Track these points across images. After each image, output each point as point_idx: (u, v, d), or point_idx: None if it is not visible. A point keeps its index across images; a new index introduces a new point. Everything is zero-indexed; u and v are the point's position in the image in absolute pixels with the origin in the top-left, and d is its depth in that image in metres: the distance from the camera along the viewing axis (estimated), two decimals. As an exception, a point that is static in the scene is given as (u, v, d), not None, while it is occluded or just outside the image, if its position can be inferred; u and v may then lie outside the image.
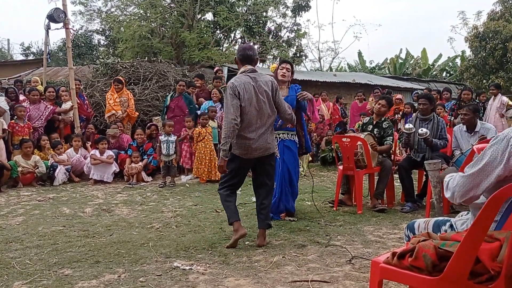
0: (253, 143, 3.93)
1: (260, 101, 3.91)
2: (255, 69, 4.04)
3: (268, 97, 3.95)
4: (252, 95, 3.88)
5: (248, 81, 3.91)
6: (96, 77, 11.37)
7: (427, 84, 18.72)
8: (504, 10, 18.56)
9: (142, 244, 4.01)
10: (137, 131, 8.32)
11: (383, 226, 4.66)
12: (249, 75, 3.96)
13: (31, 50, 28.88)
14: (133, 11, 18.39)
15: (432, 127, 5.58)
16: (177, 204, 5.83)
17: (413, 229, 2.36)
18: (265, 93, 3.93)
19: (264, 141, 3.97)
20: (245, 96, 3.86)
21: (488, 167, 2.00)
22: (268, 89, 3.95)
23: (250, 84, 3.90)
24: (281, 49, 19.75)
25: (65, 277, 3.22)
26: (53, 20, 8.81)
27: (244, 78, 3.95)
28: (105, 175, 7.65)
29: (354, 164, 5.39)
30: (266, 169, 4.10)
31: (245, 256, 3.67)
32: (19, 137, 7.63)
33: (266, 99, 3.94)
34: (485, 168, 2.01)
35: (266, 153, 4.02)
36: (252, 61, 4.06)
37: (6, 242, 4.11)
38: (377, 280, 2.12)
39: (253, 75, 3.97)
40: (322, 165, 9.55)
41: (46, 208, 5.61)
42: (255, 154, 3.98)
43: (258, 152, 3.98)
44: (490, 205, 1.79)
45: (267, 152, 4.03)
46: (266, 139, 3.98)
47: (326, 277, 3.19)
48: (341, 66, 28.07)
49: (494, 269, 1.82)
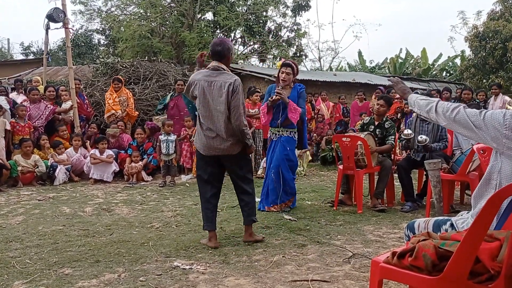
0: (206, 141, 3.83)
1: (207, 102, 3.77)
2: (218, 67, 3.82)
3: (218, 99, 3.73)
4: (201, 93, 3.77)
5: (203, 78, 3.78)
6: (96, 77, 11.37)
7: (427, 84, 18.71)
8: (504, 10, 18.55)
9: (142, 243, 4.01)
10: (137, 130, 8.32)
11: (383, 226, 4.66)
12: (207, 72, 3.82)
13: (31, 50, 28.91)
14: (133, 11, 18.42)
15: (432, 127, 5.58)
16: (177, 204, 5.83)
17: (413, 228, 2.36)
18: (216, 94, 3.74)
19: (218, 143, 3.81)
20: (195, 92, 3.81)
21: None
22: (222, 91, 3.72)
23: (203, 81, 3.77)
24: (281, 48, 19.77)
25: (65, 276, 3.22)
26: (52, 19, 8.80)
27: (201, 74, 3.83)
28: (104, 175, 7.66)
29: (354, 164, 5.39)
30: (233, 169, 3.99)
31: (245, 255, 3.67)
32: (19, 137, 7.63)
33: (215, 101, 3.74)
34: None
35: (223, 153, 3.86)
36: (221, 57, 3.84)
37: (6, 241, 4.11)
38: (377, 279, 2.12)
39: (211, 73, 3.80)
40: (322, 164, 9.56)
41: (46, 208, 5.61)
42: (211, 152, 3.86)
43: (214, 151, 3.85)
44: (490, 205, 1.80)
45: (224, 153, 3.86)
46: (219, 141, 3.81)
47: (326, 276, 3.19)
48: (341, 65, 28.05)
49: (494, 269, 1.82)
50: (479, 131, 2.14)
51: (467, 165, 4.81)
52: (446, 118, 2.29)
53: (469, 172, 4.87)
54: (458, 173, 4.94)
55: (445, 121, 2.31)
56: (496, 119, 2.09)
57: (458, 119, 2.23)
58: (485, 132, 2.12)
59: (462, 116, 2.21)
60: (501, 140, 2.07)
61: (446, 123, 2.31)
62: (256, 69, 16.17)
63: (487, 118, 2.12)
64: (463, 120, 2.20)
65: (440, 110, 2.32)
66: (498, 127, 2.07)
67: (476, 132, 2.16)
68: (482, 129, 2.13)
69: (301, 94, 5.25)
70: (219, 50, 3.81)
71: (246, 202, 4.00)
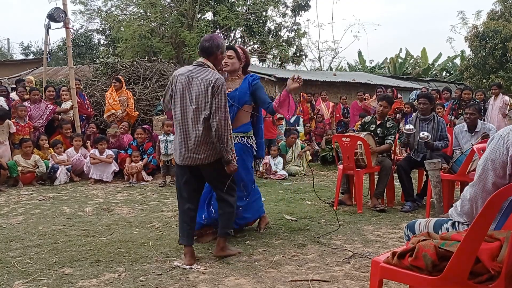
0: (179, 149, 3.47)
1: (185, 99, 3.40)
2: (203, 63, 3.46)
3: (197, 97, 3.33)
4: (179, 89, 3.43)
5: (184, 73, 3.45)
6: (96, 77, 11.37)
7: (427, 84, 18.72)
8: (504, 10, 18.58)
9: (142, 243, 4.01)
10: (137, 130, 8.31)
11: (383, 226, 4.66)
12: (190, 67, 3.51)
13: (30, 50, 28.91)
14: (133, 11, 18.42)
15: (432, 127, 5.58)
16: (177, 204, 5.82)
17: (414, 228, 2.36)
18: (194, 92, 3.35)
19: (191, 150, 3.40)
20: (175, 89, 3.46)
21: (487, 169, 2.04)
22: (200, 89, 3.33)
23: (183, 76, 3.43)
24: (281, 48, 19.77)
25: (65, 276, 3.22)
26: (53, 19, 8.79)
27: (185, 68, 3.53)
28: (104, 175, 7.66)
29: (354, 164, 5.39)
30: (209, 179, 3.62)
31: (245, 255, 3.67)
32: (19, 137, 7.64)
33: (193, 100, 3.35)
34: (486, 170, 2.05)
35: (196, 163, 3.44)
36: (208, 54, 3.49)
37: (6, 241, 4.11)
38: (377, 279, 2.12)
39: (193, 68, 3.47)
40: (322, 164, 9.55)
41: (46, 207, 5.61)
42: (185, 162, 3.47)
43: (187, 161, 3.45)
44: (490, 205, 1.80)
45: (197, 162, 3.44)
46: (194, 147, 3.39)
47: (326, 276, 3.20)
48: (341, 65, 28.09)
49: (494, 269, 1.82)
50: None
51: (467, 165, 4.81)
52: (470, 205, 2.13)
53: (469, 172, 4.87)
54: (458, 173, 4.94)
55: (480, 206, 2.08)
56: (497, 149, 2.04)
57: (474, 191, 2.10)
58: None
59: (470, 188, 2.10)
60: None
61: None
62: (256, 69, 16.16)
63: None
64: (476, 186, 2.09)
65: (468, 195, 2.15)
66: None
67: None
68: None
69: (256, 85, 4.14)
70: (207, 46, 3.49)
71: (221, 213, 3.63)
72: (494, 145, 2.03)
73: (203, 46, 3.50)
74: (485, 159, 2.05)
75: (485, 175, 2.04)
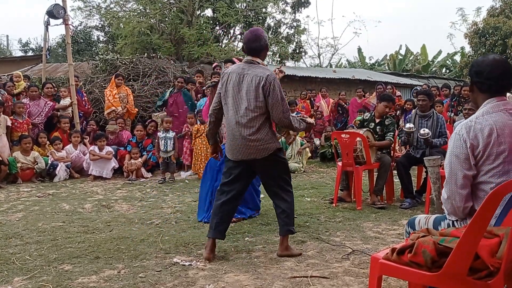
0: (231, 144, 3.48)
1: (239, 96, 3.41)
2: (253, 60, 3.48)
3: (248, 94, 3.37)
4: (231, 87, 3.44)
5: (236, 71, 3.47)
6: (96, 73, 11.34)
7: (426, 81, 18.70)
8: (504, 6, 18.55)
9: (141, 240, 4.01)
10: (137, 127, 8.31)
11: (382, 222, 4.67)
12: (240, 65, 3.52)
13: (29, 46, 28.82)
14: (132, 7, 18.34)
15: (432, 124, 5.58)
16: (176, 200, 5.83)
17: (414, 225, 2.36)
18: (245, 88, 3.39)
19: (244, 145, 3.42)
20: (228, 87, 3.46)
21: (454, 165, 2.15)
22: (252, 86, 3.36)
23: (234, 74, 3.45)
24: (280, 45, 19.73)
25: (65, 272, 3.23)
26: (52, 16, 8.78)
27: (236, 66, 3.55)
28: (104, 171, 7.66)
29: (353, 160, 5.39)
30: (261, 174, 3.60)
31: (244, 252, 3.67)
32: (18, 133, 7.63)
33: (245, 94, 3.38)
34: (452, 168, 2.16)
35: (250, 157, 3.46)
36: (256, 54, 3.49)
37: (6, 237, 4.11)
38: (377, 276, 2.13)
39: (244, 65, 3.48)
40: (321, 161, 9.56)
41: (45, 204, 5.61)
42: (238, 156, 3.48)
43: (240, 155, 3.46)
44: (489, 201, 1.80)
45: (251, 157, 3.45)
46: (245, 142, 3.41)
47: (325, 273, 3.20)
48: (340, 62, 28.02)
49: (493, 265, 1.82)
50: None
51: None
52: (450, 206, 2.19)
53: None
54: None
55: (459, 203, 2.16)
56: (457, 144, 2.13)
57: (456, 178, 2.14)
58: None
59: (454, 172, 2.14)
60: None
61: (460, 204, 2.16)
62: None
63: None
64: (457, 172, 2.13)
65: (445, 193, 2.20)
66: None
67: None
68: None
69: None
70: (254, 47, 3.47)
71: (281, 209, 3.56)
72: (453, 142, 2.15)
73: (251, 47, 3.47)
74: (449, 156, 2.16)
75: (454, 171, 2.13)
